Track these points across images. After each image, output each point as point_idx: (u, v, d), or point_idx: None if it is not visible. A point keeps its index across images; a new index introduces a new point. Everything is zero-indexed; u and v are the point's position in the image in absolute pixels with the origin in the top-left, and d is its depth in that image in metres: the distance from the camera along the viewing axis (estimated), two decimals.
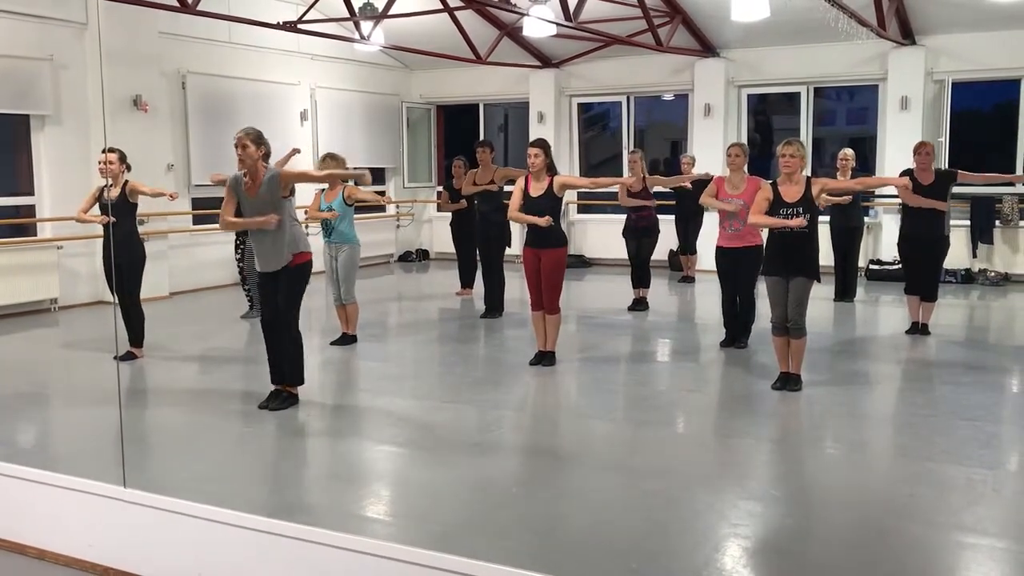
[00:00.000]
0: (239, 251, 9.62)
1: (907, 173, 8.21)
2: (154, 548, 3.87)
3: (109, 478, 4.12)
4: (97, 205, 7.64)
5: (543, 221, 7.06)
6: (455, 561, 3.29)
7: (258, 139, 5.88)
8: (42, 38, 10.08)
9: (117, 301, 7.36)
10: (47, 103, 10.17)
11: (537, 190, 7.19)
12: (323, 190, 8.19)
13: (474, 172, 9.90)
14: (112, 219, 7.17)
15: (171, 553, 3.84)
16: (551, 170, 7.23)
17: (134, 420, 5.96)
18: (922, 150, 8.13)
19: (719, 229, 7.81)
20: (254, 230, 6.00)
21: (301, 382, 6.25)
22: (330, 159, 8.03)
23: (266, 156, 5.96)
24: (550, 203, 7.17)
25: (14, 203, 10.48)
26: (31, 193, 10.31)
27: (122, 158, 7.50)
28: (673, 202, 12.23)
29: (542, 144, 7.24)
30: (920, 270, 8.31)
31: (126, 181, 7.48)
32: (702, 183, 10.74)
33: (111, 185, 7.43)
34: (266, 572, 3.60)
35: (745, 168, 7.78)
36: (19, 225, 10.45)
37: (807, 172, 6.57)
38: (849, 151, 10.12)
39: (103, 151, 7.54)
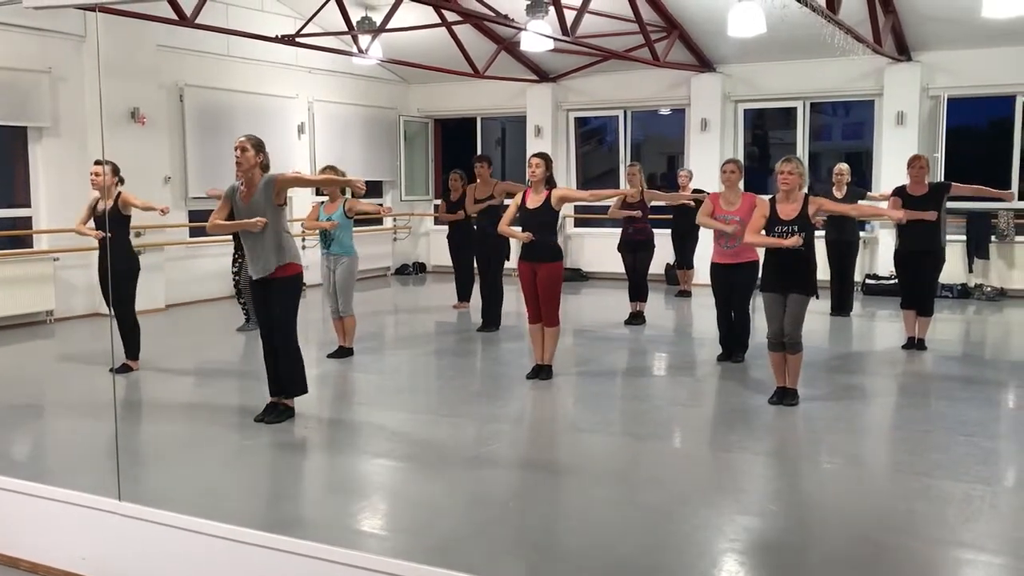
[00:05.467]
0: (236, 264, 9.60)
1: (900, 189, 8.21)
2: (148, 562, 3.85)
3: (104, 491, 4.09)
4: (92, 218, 7.65)
5: (524, 237, 7.09)
6: None
7: (258, 146, 5.94)
8: (41, 50, 10.11)
9: (112, 313, 7.36)
10: (45, 115, 10.18)
11: (534, 202, 7.21)
12: (323, 202, 8.21)
13: (473, 187, 9.96)
14: (109, 234, 7.19)
15: (166, 567, 3.81)
16: (550, 183, 7.25)
17: (129, 433, 5.95)
18: (915, 164, 8.13)
19: (714, 245, 7.82)
20: (245, 234, 6.01)
21: (302, 391, 6.23)
22: (330, 170, 8.06)
23: (264, 166, 5.98)
24: (546, 216, 7.19)
25: (11, 215, 10.47)
26: (28, 205, 10.31)
27: (115, 170, 7.52)
28: (670, 216, 12.26)
29: (544, 156, 7.28)
30: (916, 285, 8.31)
31: (119, 193, 7.48)
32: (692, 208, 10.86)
33: (102, 197, 7.46)
34: None
35: (741, 184, 7.79)
36: (16, 237, 10.44)
37: (805, 190, 6.55)
38: (844, 166, 10.16)
39: (95, 163, 7.56)
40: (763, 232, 6.45)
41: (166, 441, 5.90)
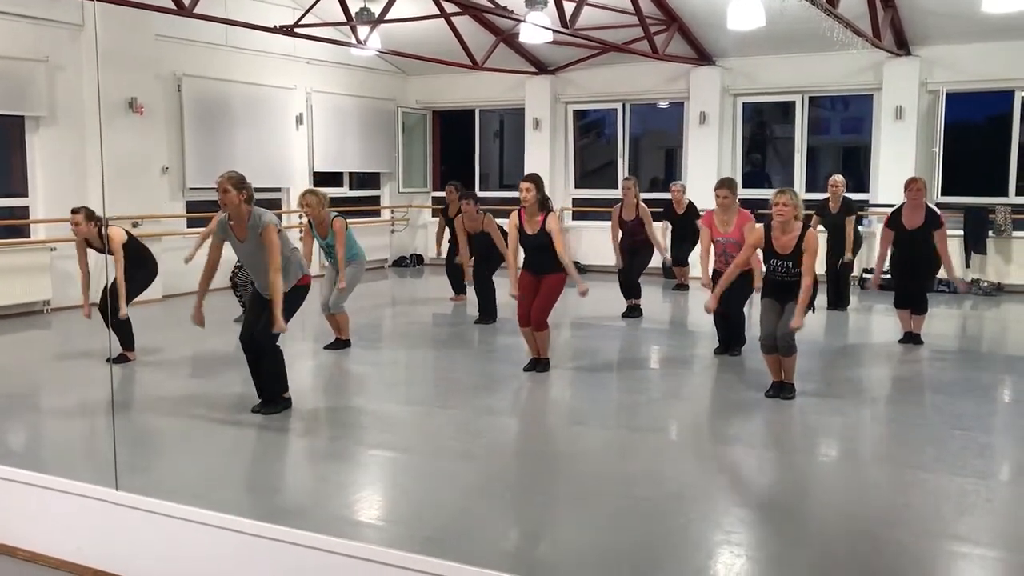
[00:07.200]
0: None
1: (895, 220, 8.13)
2: (145, 551, 3.86)
3: (101, 480, 4.09)
4: (89, 253, 7.65)
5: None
6: (447, 566, 3.28)
7: (239, 184, 5.74)
8: (38, 39, 10.07)
9: (109, 308, 7.34)
10: (42, 104, 10.15)
11: (532, 228, 7.06)
12: (310, 223, 8.08)
13: (461, 218, 9.88)
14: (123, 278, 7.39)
15: (162, 556, 3.82)
16: (543, 206, 7.05)
17: (126, 423, 5.95)
18: (912, 187, 8.02)
19: (715, 257, 7.79)
20: (252, 265, 5.99)
21: (284, 391, 6.20)
22: (310, 195, 7.96)
23: (249, 199, 5.81)
24: (546, 239, 7.01)
25: (8, 204, 10.46)
26: (25, 194, 10.29)
27: (89, 216, 7.46)
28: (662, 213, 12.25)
29: (534, 179, 7.06)
30: (909, 286, 8.30)
31: (103, 234, 7.40)
32: (690, 217, 11.28)
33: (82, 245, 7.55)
34: None
35: (736, 203, 7.72)
36: (12, 226, 10.42)
37: (800, 222, 6.50)
38: (839, 177, 10.13)
39: (72, 211, 7.52)
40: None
41: (163, 431, 5.91)
